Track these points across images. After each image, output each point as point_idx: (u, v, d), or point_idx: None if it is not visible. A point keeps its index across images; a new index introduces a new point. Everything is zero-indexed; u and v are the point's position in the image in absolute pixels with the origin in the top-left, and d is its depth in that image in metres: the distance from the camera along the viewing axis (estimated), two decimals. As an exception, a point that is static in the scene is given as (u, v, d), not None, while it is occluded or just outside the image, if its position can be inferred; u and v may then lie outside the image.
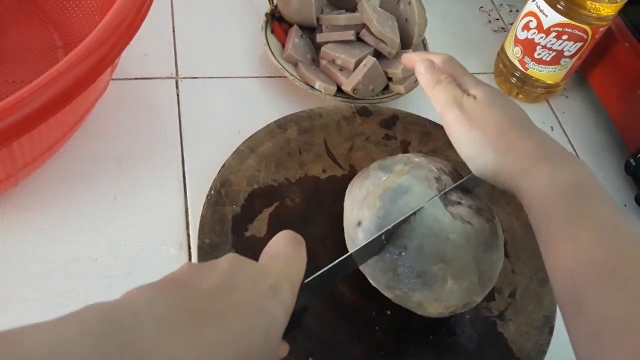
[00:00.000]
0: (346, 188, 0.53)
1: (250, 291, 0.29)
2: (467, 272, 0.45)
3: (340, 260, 0.39)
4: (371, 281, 0.48)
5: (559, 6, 0.64)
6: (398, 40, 0.66)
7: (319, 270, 0.36)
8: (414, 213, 0.45)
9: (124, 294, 0.27)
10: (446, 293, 0.45)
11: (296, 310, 0.32)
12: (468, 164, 0.45)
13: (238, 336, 0.27)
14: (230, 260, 0.31)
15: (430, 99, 0.47)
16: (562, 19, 0.65)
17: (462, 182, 0.48)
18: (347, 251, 0.44)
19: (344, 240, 0.50)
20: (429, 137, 0.63)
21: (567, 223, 0.37)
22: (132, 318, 0.24)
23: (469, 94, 0.45)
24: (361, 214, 0.47)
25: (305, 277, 0.34)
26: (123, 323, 0.24)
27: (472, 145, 0.43)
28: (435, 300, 0.45)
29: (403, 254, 0.44)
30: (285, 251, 0.33)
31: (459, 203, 0.47)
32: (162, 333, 0.24)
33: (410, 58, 0.52)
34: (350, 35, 0.65)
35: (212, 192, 0.53)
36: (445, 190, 0.47)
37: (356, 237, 0.47)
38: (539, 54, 0.69)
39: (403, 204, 0.45)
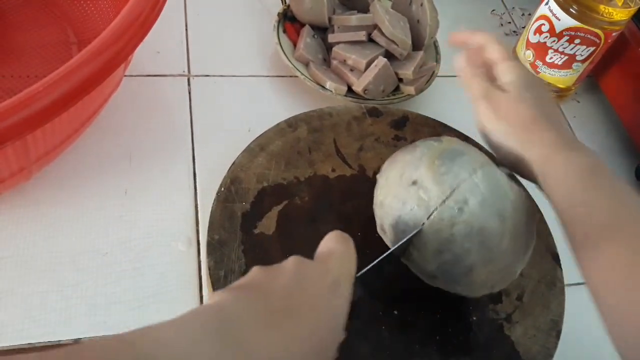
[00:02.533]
0: (355, 187, 0.53)
1: (316, 289, 0.33)
2: (520, 234, 0.46)
3: (387, 253, 0.43)
4: (416, 250, 0.47)
5: (571, 10, 0.64)
6: (409, 42, 0.66)
7: None
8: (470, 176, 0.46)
9: (214, 296, 0.31)
10: (501, 252, 0.45)
11: (352, 302, 0.35)
12: (493, 152, 0.49)
13: (312, 329, 0.31)
14: (294, 262, 0.34)
15: (466, 90, 0.50)
16: (574, 22, 0.65)
17: None
18: (358, 247, 0.44)
19: (354, 239, 0.50)
20: (439, 139, 0.63)
21: (583, 193, 0.41)
22: (238, 318, 0.29)
23: (500, 85, 0.47)
24: (417, 174, 0.47)
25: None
26: (233, 323, 0.29)
27: (497, 135, 0.47)
28: (489, 261, 0.45)
29: (465, 209, 0.44)
30: (338, 248, 0.37)
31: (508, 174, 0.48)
32: (260, 329, 0.29)
33: (459, 38, 0.53)
34: (361, 35, 0.65)
35: (222, 189, 0.53)
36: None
37: (409, 197, 0.47)
38: (551, 58, 0.69)
39: (463, 162, 0.47)
